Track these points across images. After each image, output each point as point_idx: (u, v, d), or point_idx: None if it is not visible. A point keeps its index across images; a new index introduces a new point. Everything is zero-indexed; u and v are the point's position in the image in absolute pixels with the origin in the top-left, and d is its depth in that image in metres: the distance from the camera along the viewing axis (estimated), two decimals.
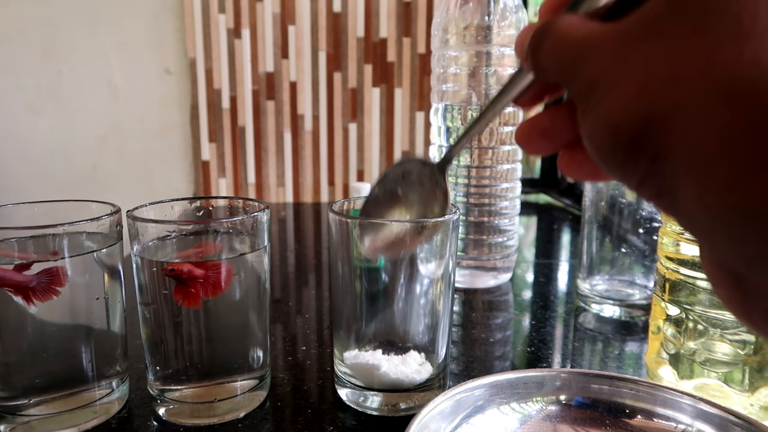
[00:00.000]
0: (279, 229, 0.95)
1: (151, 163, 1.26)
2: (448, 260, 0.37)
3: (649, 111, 0.16)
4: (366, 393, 0.38)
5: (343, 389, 0.39)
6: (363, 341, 0.38)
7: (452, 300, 0.38)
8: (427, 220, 0.33)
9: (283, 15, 1.15)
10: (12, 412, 0.34)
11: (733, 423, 0.31)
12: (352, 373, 0.38)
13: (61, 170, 1.24)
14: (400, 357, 0.37)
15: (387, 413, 0.38)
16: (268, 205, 0.38)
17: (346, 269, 0.36)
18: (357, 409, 0.38)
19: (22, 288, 0.32)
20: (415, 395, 0.37)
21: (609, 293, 0.56)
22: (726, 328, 0.36)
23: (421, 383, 0.37)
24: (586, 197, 0.57)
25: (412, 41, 1.18)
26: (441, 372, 0.38)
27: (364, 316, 0.37)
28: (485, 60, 0.58)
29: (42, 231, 0.33)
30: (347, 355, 0.38)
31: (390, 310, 0.37)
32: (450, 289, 0.37)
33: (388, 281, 0.36)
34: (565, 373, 0.36)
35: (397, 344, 0.38)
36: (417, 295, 0.37)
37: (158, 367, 0.37)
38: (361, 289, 0.37)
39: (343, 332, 0.38)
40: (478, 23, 0.57)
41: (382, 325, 0.37)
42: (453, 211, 0.36)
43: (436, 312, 0.37)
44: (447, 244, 0.36)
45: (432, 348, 0.38)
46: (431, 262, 0.36)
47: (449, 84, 0.61)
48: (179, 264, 0.34)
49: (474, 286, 0.63)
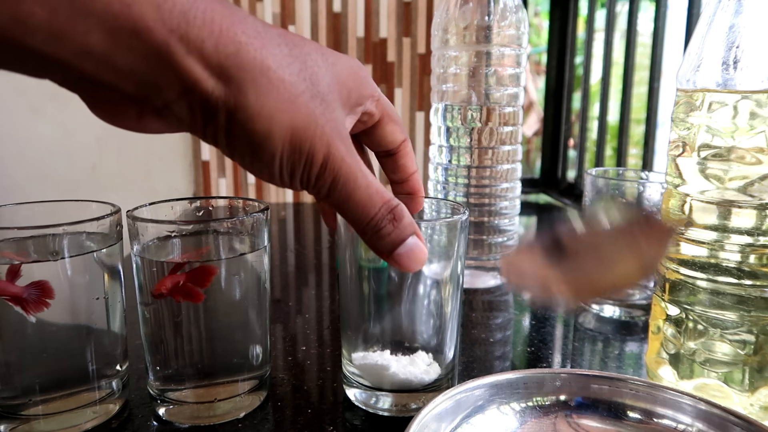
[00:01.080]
0: (279, 229, 0.95)
1: (151, 163, 1.26)
2: (457, 261, 0.37)
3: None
4: (376, 393, 0.38)
5: (351, 389, 0.39)
6: (371, 341, 0.38)
7: (461, 301, 0.38)
8: (433, 221, 0.33)
9: (283, 15, 1.15)
10: (12, 412, 0.34)
11: (733, 423, 0.31)
12: (360, 374, 0.38)
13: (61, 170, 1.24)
14: (409, 357, 0.37)
15: (396, 413, 0.38)
16: (268, 205, 0.38)
17: (353, 269, 0.37)
18: (360, 409, 0.38)
19: (16, 299, 0.32)
20: (424, 395, 0.37)
21: None
22: (726, 328, 0.36)
23: (430, 383, 0.37)
24: (586, 197, 0.57)
25: (412, 41, 1.18)
26: (450, 372, 0.38)
27: (372, 316, 0.37)
28: (485, 60, 0.58)
29: (42, 231, 0.33)
30: (355, 355, 0.38)
31: (398, 311, 0.37)
32: (458, 290, 0.37)
33: (396, 282, 0.36)
34: (565, 373, 0.36)
35: (405, 345, 0.38)
36: (425, 296, 0.37)
37: (158, 367, 0.37)
38: (369, 290, 0.37)
39: (351, 332, 0.38)
40: (478, 23, 0.57)
41: (391, 326, 0.37)
42: (462, 212, 0.36)
43: (444, 313, 0.37)
44: (455, 244, 0.36)
45: (440, 348, 0.38)
46: (439, 262, 0.36)
47: (449, 84, 0.61)
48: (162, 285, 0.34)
49: (474, 286, 0.63)
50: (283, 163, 0.25)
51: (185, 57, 0.21)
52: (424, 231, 0.34)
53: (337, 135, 0.26)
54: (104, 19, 0.20)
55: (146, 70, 0.21)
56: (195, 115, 0.23)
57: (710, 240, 0.36)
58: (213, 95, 0.23)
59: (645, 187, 0.54)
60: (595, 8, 1.07)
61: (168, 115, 0.23)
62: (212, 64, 0.22)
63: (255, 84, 0.23)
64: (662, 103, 0.87)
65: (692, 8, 0.75)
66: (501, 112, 0.60)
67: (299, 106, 0.24)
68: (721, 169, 0.35)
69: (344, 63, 0.28)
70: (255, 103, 0.23)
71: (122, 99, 0.23)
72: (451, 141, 0.61)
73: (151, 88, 0.22)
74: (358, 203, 0.27)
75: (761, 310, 0.35)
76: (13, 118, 1.18)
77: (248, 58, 0.23)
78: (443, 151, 0.63)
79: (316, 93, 0.25)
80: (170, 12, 0.21)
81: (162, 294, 0.34)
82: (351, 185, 0.27)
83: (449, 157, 0.62)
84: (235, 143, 0.24)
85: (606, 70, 1.01)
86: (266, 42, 0.24)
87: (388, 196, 0.28)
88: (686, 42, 0.77)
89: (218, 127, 0.24)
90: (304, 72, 0.25)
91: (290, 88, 0.24)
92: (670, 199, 0.39)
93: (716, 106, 0.35)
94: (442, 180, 0.63)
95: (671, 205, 0.39)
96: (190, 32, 0.21)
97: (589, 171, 0.57)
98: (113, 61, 0.21)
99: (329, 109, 0.26)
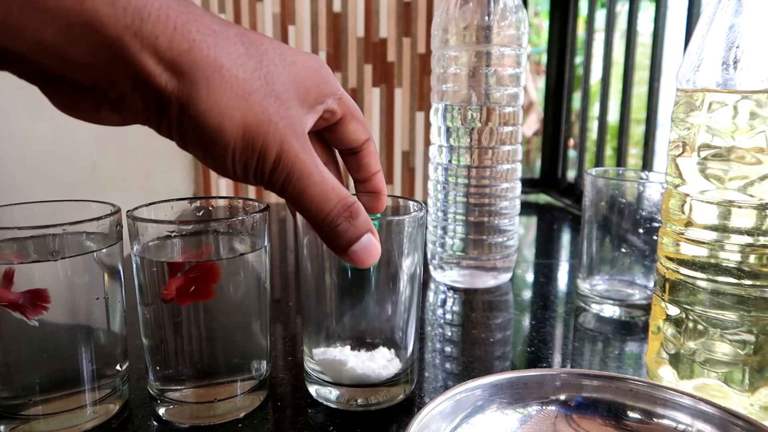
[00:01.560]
0: (279, 229, 0.95)
1: (151, 163, 1.26)
2: (416, 256, 0.37)
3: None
4: (331, 388, 0.38)
5: (313, 386, 0.40)
6: (332, 338, 0.38)
7: (419, 295, 0.39)
8: (392, 218, 0.35)
9: (283, 15, 1.15)
10: (12, 412, 0.34)
11: (733, 423, 0.31)
12: (320, 369, 0.38)
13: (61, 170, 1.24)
14: (369, 353, 0.38)
15: (348, 408, 0.38)
16: (268, 205, 0.38)
17: (314, 266, 0.37)
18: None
19: (13, 305, 0.32)
20: (382, 390, 0.38)
21: (609, 293, 0.56)
22: (726, 328, 0.36)
23: (389, 378, 0.38)
24: (586, 197, 0.57)
25: (412, 41, 1.18)
26: (409, 367, 0.39)
27: (332, 312, 0.38)
28: (485, 60, 0.58)
29: (42, 231, 0.33)
30: (316, 351, 0.39)
31: (357, 307, 0.38)
32: (416, 285, 0.38)
33: (356, 278, 0.37)
34: (565, 373, 0.36)
35: (366, 340, 0.38)
36: (384, 291, 0.37)
37: (158, 367, 0.37)
38: (329, 286, 0.37)
39: (312, 329, 0.39)
40: (478, 23, 0.57)
41: (350, 321, 0.38)
42: (419, 208, 0.37)
43: (404, 308, 0.38)
44: (414, 240, 0.37)
45: (401, 343, 0.38)
46: (399, 258, 0.37)
47: (449, 84, 0.61)
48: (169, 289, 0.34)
49: (474, 286, 0.63)
50: (236, 158, 0.26)
51: (139, 52, 0.22)
52: (384, 227, 0.35)
53: (292, 132, 0.27)
54: (58, 14, 0.21)
55: (101, 64, 0.22)
56: (149, 108, 0.24)
57: (710, 240, 0.36)
58: (166, 90, 0.23)
59: (645, 187, 0.54)
60: (595, 8, 1.07)
61: (123, 108, 0.24)
62: (165, 59, 0.23)
63: (207, 81, 0.24)
64: (662, 103, 0.87)
65: (692, 8, 0.75)
66: (501, 112, 0.60)
67: (252, 104, 0.25)
68: (721, 169, 0.35)
69: (304, 61, 0.28)
70: (207, 98, 0.24)
71: (80, 92, 0.24)
72: (451, 141, 0.61)
73: (106, 81, 0.23)
74: (312, 199, 0.28)
75: (761, 310, 0.35)
76: (13, 118, 1.18)
77: (201, 55, 0.24)
78: (443, 151, 0.63)
79: (270, 91, 0.26)
80: (124, 8, 0.22)
81: (172, 298, 0.34)
82: (305, 181, 0.27)
83: (449, 157, 0.62)
84: (188, 137, 0.25)
85: (606, 70, 1.01)
86: (221, 40, 0.24)
87: (344, 193, 0.29)
88: (686, 42, 0.77)
89: (171, 120, 0.25)
90: (260, 71, 0.26)
91: (243, 85, 0.25)
92: (670, 199, 0.39)
93: (716, 106, 0.35)
94: (442, 180, 0.63)
95: (671, 205, 0.39)
96: (144, 28, 0.22)
97: (589, 171, 0.57)
98: (68, 54, 0.22)
99: (284, 106, 0.26)
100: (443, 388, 0.42)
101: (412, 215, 0.36)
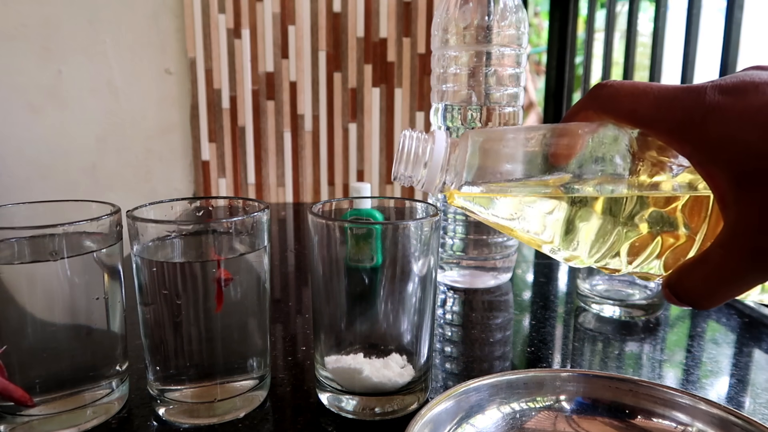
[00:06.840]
0: (279, 229, 0.95)
1: (151, 163, 1.26)
2: (430, 261, 0.36)
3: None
4: (346, 397, 0.37)
5: (324, 393, 0.39)
6: (344, 345, 0.37)
7: (434, 301, 0.38)
8: (406, 222, 0.35)
9: (283, 15, 1.15)
10: (12, 412, 0.34)
11: (733, 423, 0.31)
12: (333, 377, 0.37)
13: (61, 170, 1.24)
14: (383, 360, 0.37)
15: (365, 417, 0.37)
16: (268, 205, 0.38)
17: (326, 271, 0.36)
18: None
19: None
20: (396, 399, 0.37)
21: (609, 293, 0.56)
22: None
23: (404, 386, 0.37)
24: None
25: (412, 41, 1.18)
26: (423, 375, 0.38)
27: (345, 318, 0.37)
28: (485, 60, 0.58)
29: (42, 231, 0.33)
30: (329, 359, 0.37)
31: (371, 313, 0.37)
32: (432, 291, 0.37)
33: (369, 283, 0.36)
34: (565, 373, 0.36)
35: (379, 347, 0.37)
36: (398, 297, 0.36)
37: (158, 367, 0.37)
38: (342, 292, 0.36)
39: (324, 335, 0.38)
40: (478, 23, 0.57)
41: (363, 328, 0.37)
42: (434, 212, 0.37)
43: (417, 314, 0.37)
44: (429, 244, 0.36)
45: (414, 350, 0.37)
46: (412, 263, 0.36)
47: (449, 84, 0.61)
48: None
49: (474, 286, 0.63)
50: None
51: None
52: (400, 231, 0.35)
53: None
54: None
55: None
56: None
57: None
58: None
59: None
60: (595, 8, 1.07)
61: None
62: None
63: None
64: None
65: (692, 8, 0.75)
66: (501, 112, 0.60)
67: None
68: None
69: None
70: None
71: None
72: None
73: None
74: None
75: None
76: (12, 118, 1.18)
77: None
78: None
79: None
80: None
81: (229, 278, 0.36)
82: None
83: None
84: None
85: (606, 70, 1.01)
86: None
87: None
88: (686, 42, 0.77)
89: None
90: None
91: None
92: None
93: None
94: None
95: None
96: None
97: None
98: None
99: None
100: (443, 388, 0.42)
101: (428, 219, 0.36)
